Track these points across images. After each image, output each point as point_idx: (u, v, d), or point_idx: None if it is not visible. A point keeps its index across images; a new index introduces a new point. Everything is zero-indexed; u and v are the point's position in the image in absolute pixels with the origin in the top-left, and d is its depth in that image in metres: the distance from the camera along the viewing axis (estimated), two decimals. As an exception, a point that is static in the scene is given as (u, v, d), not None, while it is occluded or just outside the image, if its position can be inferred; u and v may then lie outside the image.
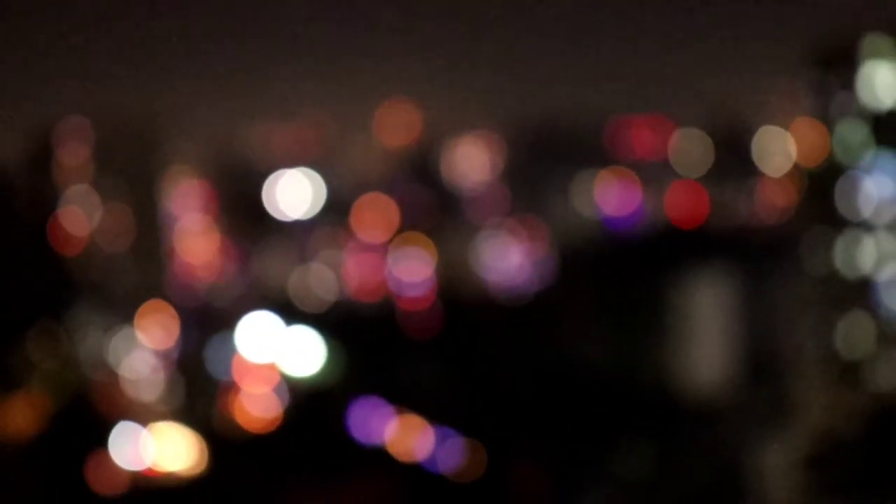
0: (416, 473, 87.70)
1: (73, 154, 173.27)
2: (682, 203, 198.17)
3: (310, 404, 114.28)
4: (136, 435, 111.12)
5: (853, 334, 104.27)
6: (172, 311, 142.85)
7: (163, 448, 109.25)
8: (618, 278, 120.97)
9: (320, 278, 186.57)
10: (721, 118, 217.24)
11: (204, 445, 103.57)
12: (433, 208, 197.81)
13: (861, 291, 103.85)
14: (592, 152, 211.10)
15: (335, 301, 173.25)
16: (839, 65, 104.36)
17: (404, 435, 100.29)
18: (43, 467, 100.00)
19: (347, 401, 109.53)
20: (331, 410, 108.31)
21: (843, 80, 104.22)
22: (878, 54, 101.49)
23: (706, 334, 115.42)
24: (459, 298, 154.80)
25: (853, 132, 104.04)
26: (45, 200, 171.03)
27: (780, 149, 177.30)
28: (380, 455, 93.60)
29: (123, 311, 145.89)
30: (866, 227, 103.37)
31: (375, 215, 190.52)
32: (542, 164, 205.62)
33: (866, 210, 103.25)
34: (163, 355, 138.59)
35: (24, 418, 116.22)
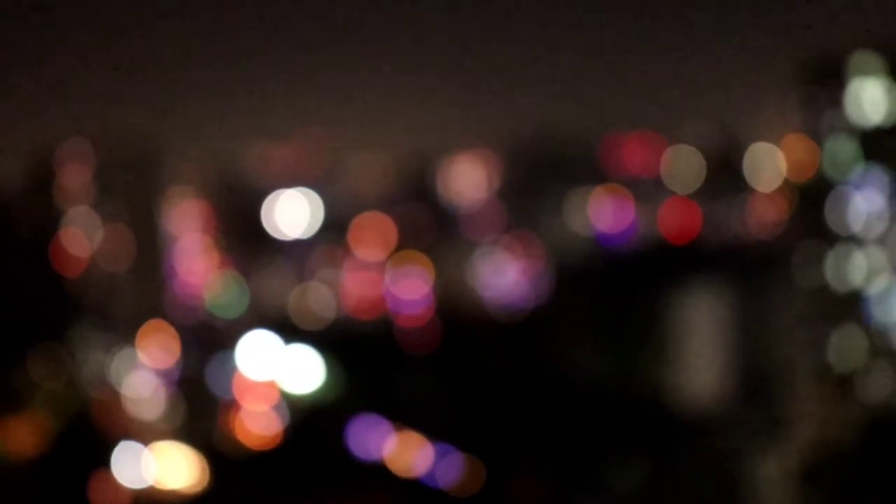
0: (415, 489, 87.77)
1: (75, 176, 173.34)
2: (675, 219, 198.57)
3: (310, 421, 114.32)
4: (137, 454, 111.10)
5: (845, 347, 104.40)
6: (173, 330, 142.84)
7: (164, 466, 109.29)
8: (612, 294, 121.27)
9: (319, 297, 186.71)
10: (712, 135, 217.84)
11: (205, 463, 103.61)
12: (430, 226, 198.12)
13: (852, 305, 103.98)
14: (586, 169, 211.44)
15: (334, 319, 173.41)
16: (828, 82, 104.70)
17: (403, 451, 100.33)
18: (46, 486, 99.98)
19: (347, 418, 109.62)
20: (330, 427, 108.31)
21: (832, 97, 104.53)
22: (865, 71, 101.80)
23: (700, 348, 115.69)
24: (457, 315, 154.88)
25: (842, 148, 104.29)
26: (47, 222, 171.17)
27: (770, 165, 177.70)
28: (379, 471, 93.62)
29: (124, 331, 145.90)
30: (856, 241, 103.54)
31: (373, 234, 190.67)
32: (537, 182, 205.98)
33: (856, 224, 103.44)
34: (164, 374, 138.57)
35: (28, 438, 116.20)
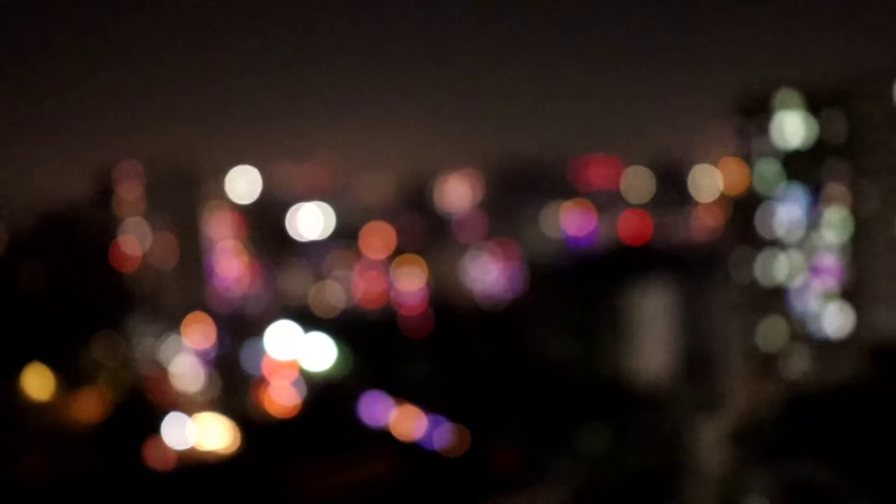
0: (414, 451, 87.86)
1: (129, 191, 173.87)
2: (631, 226, 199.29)
3: (324, 394, 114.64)
4: (182, 421, 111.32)
5: (770, 333, 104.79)
6: (211, 319, 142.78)
7: (204, 431, 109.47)
8: (579, 288, 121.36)
9: (333, 290, 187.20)
10: (661, 157, 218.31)
11: (237, 428, 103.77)
12: (425, 232, 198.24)
13: (776, 298, 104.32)
14: (557, 186, 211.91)
15: (344, 308, 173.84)
16: (757, 114, 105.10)
17: (404, 420, 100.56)
18: (109, 447, 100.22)
19: (356, 391, 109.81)
20: (342, 399, 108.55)
21: (760, 126, 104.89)
22: (787, 105, 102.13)
23: (651, 334, 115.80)
24: (447, 306, 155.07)
25: (768, 168, 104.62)
26: (107, 229, 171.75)
27: (710, 182, 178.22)
28: (384, 436, 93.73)
29: (171, 320, 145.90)
30: (780, 245, 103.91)
31: (378, 239, 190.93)
32: (515, 196, 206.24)
33: (780, 231, 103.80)
34: (203, 356, 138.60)
35: (93, 407, 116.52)
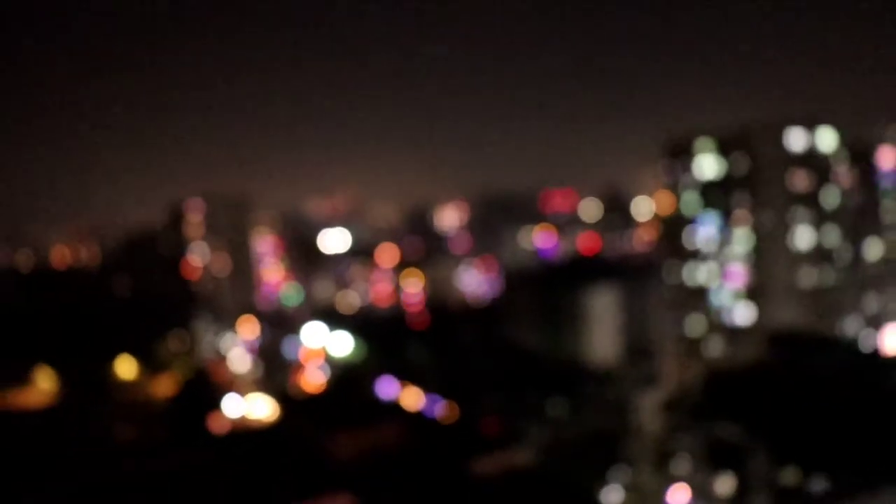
0: (418, 418, 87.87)
1: (194, 220, 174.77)
2: (586, 241, 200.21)
3: (344, 375, 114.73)
4: (235, 398, 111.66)
5: (694, 324, 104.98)
6: (256, 318, 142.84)
7: (252, 405, 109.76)
8: (545, 290, 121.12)
9: (353, 294, 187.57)
10: (609, 189, 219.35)
11: (277, 402, 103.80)
12: (425, 249, 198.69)
13: (698, 296, 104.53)
14: (528, 212, 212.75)
15: (361, 307, 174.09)
16: (682, 155, 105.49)
17: (409, 396, 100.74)
18: (179, 417, 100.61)
19: (371, 372, 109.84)
20: (360, 378, 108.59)
21: (684, 165, 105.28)
22: (704, 149, 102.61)
23: (601, 325, 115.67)
24: (442, 305, 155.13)
25: (691, 197, 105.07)
26: (180, 248, 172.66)
27: (646, 208, 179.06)
28: (394, 407, 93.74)
29: (227, 320, 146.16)
30: (700, 256, 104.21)
31: (388, 254, 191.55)
32: (495, 220, 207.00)
33: (699, 245, 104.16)
34: (250, 346, 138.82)
35: (168, 387, 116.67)
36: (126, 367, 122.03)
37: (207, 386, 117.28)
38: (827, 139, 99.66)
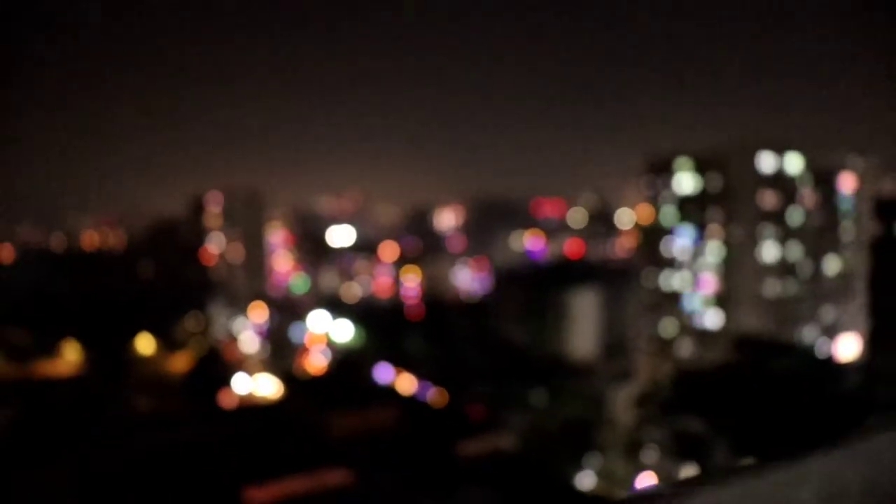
0: (412, 401, 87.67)
1: (213, 212, 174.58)
2: (572, 246, 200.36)
3: (345, 359, 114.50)
4: (244, 377, 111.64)
5: (667, 325, 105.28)
6: (267, 305, 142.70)
7: (259, 384, 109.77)
8: (532, 289, 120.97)
9: (356, 286, 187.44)
10: (596, 201, 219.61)
11: (282, 382, 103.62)
12: (422, 248, 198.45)
13: (672, 301, 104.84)
14: (520, 217, 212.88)
15: (363, 297, 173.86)
16: (662, 172, 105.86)
17: (403, 382, 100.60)
18: (193, 391, 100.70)
19: (370, 358, 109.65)
20: (358, 363, 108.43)
21: (664, 182, 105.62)
22: (683, 167, 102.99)
23: (582, 323, 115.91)
24: (437, 299, 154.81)
25: (668, 211, 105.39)
26: (200, 237, 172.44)
27: (629, 219, 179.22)
28: (390, 391, 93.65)
29: (240, 305, 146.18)
30: (675, 264, 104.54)
31: (390, 250, 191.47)
32: (489, 225, 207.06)
33: (675, 254, 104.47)
34: (259, 329, 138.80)
35: (185, 364, 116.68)
36: (146, 344, 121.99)
37: (219, 364, 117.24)
38: (794, 163, 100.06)
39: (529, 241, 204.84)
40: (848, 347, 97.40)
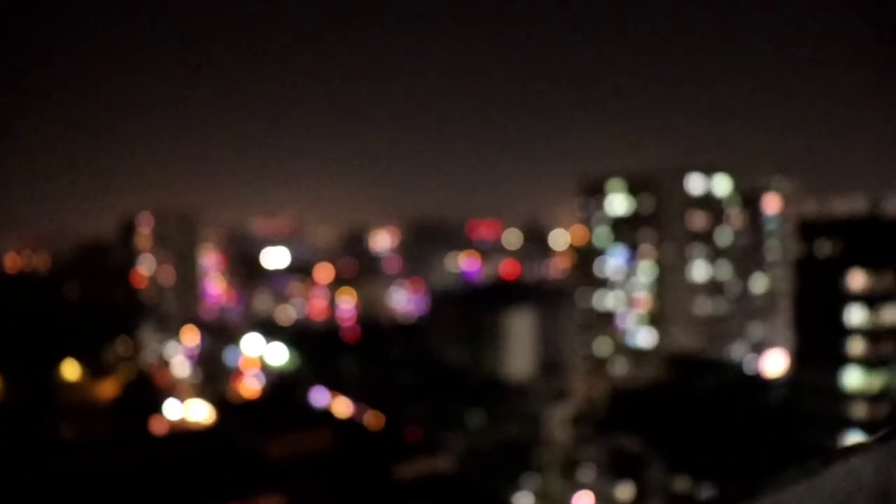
0: (347, 425, 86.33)
1: (143, 232, 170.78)
2: (507, 267, 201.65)
3: (278, 382, 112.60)
4: (175, 403, 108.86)
5: (601, 345, 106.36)
6: (199, 329, 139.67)
7: (190, 409, 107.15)
8: (468, 310, 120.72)
9: (290, 308, 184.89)
10: (530, 222, 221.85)
11: (214, 407, 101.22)
12: (358, 269, 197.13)
13: (606, 320, 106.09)
14: (456, 239, 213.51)
15: (297, 320, 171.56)
16: (595, 194, 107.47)
17: (339, 405, 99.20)
18: (122, 417, 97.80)
19: (305, 380, 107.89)
20: (293, 386, 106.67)
21: (598, 203, 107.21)
22: (615, 189, 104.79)
23: (518, 343, 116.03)
24: (373, 321, 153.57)
25: (602, 231, 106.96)
26: (130, 259, 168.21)
27: (563, 240, 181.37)
28: (326, 414, 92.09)
29: (171, 327, 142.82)
30: (609, 284, 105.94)
31: (324, 273, 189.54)
32: (425, 246, 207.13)
33: (609, 274, 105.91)
34: (191, 353, 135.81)
35: (114, 388, 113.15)
36: (72, 370, 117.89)
37: (150, 389, 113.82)
38: (722, 185, 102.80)
39: (465, 263, 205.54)
40: (775, 363, 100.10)
